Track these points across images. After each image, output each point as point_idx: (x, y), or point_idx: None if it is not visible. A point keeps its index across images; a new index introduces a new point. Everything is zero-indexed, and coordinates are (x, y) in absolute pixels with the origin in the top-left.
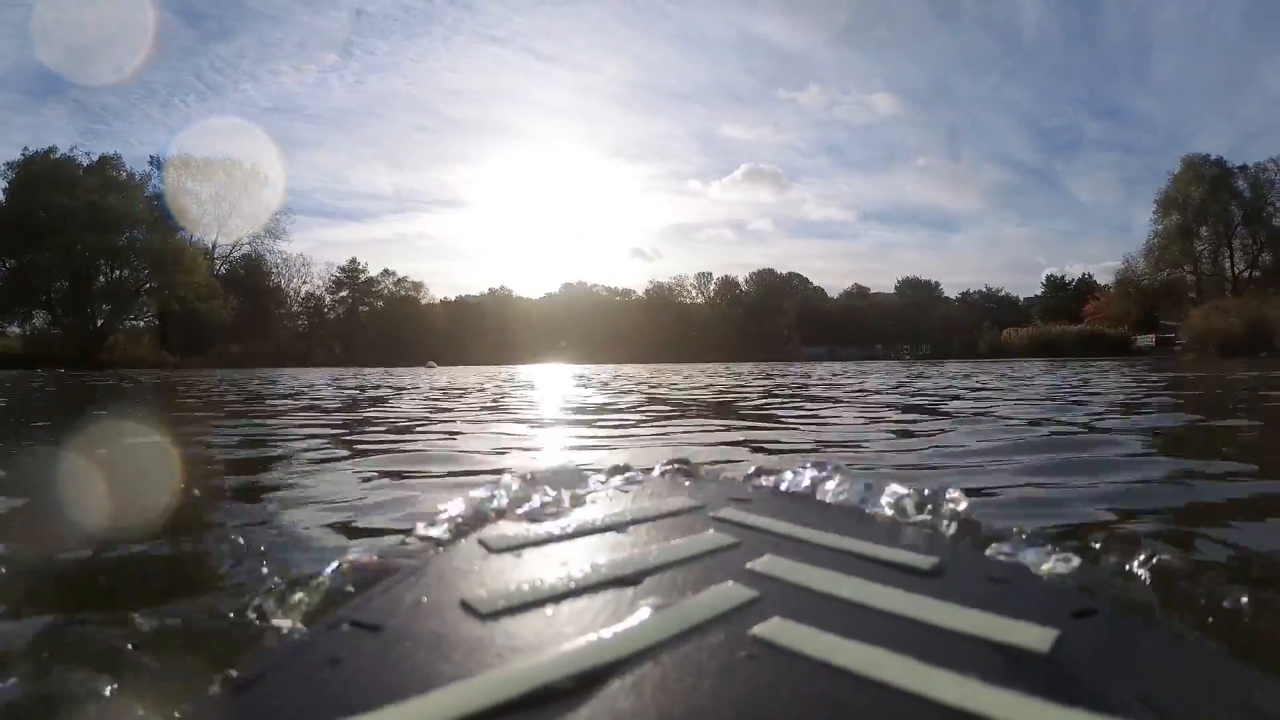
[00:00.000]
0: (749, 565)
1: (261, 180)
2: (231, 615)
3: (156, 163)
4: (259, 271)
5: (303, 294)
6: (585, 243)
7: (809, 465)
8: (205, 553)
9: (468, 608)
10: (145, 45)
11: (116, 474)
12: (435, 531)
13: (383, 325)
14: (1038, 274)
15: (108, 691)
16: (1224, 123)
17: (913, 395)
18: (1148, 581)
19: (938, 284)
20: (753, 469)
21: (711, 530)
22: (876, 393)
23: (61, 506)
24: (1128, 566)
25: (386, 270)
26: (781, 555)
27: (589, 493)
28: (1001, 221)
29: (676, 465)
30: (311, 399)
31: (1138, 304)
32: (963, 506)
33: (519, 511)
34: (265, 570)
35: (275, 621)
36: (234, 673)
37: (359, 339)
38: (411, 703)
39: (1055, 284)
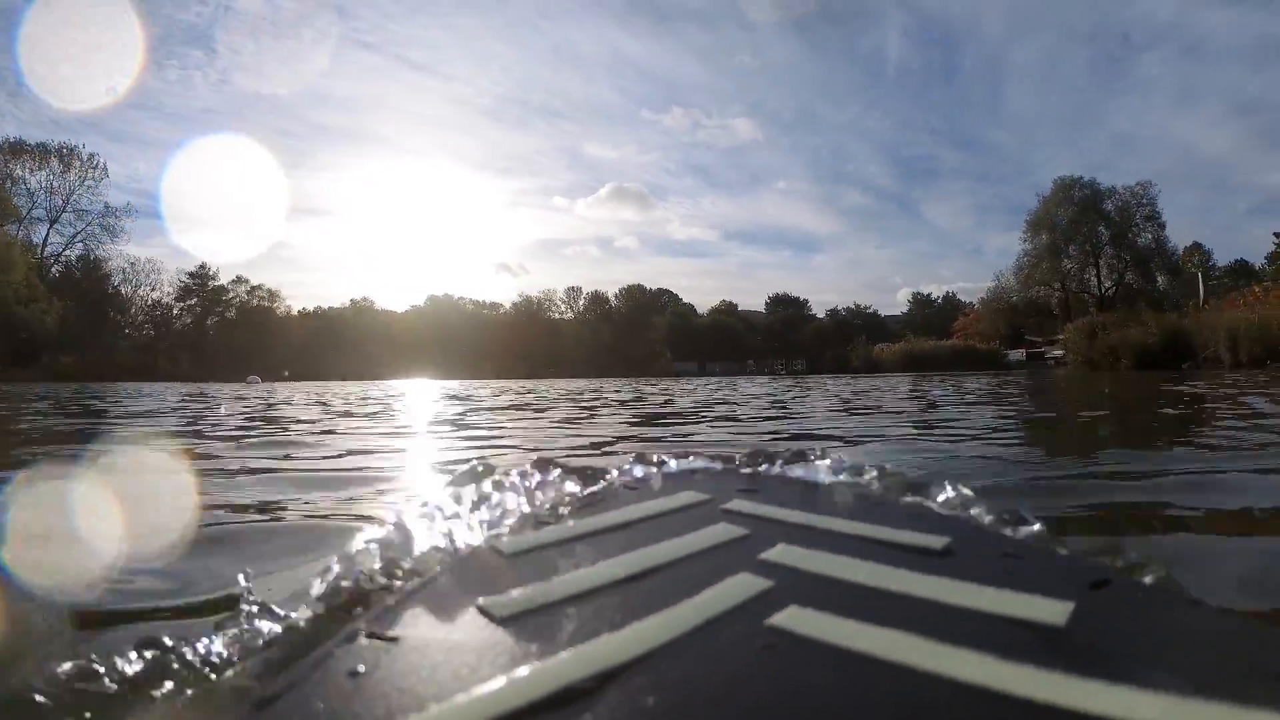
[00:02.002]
0: (762, 555)
1: (101, 172)
2: (244, 633)
3: None
4: (96, 275)
5: (149, 302)
6: (451, 256)
7: (813, 452)
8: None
9: (484, 613)
10: None
11: None
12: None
13: (234, 337)
14: (895, 293)
15: (116, 707)
16: (1070, 156)
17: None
18: (1161, 547)
19: (806, 301)
20: (749, 451)
21: (722, 523)
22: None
23: None
24: (1139, 535)
25: (239, 278)
26: (793, 544)
27: (597, 491)
28: (863, 243)
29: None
30: None
31: (1006, 320)
32: (964, 489)
33: (528, 514)
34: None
35: (291, 638)
36: (253, 690)
37: (209, 351)
38: (434, 710)
39: (921, 301)
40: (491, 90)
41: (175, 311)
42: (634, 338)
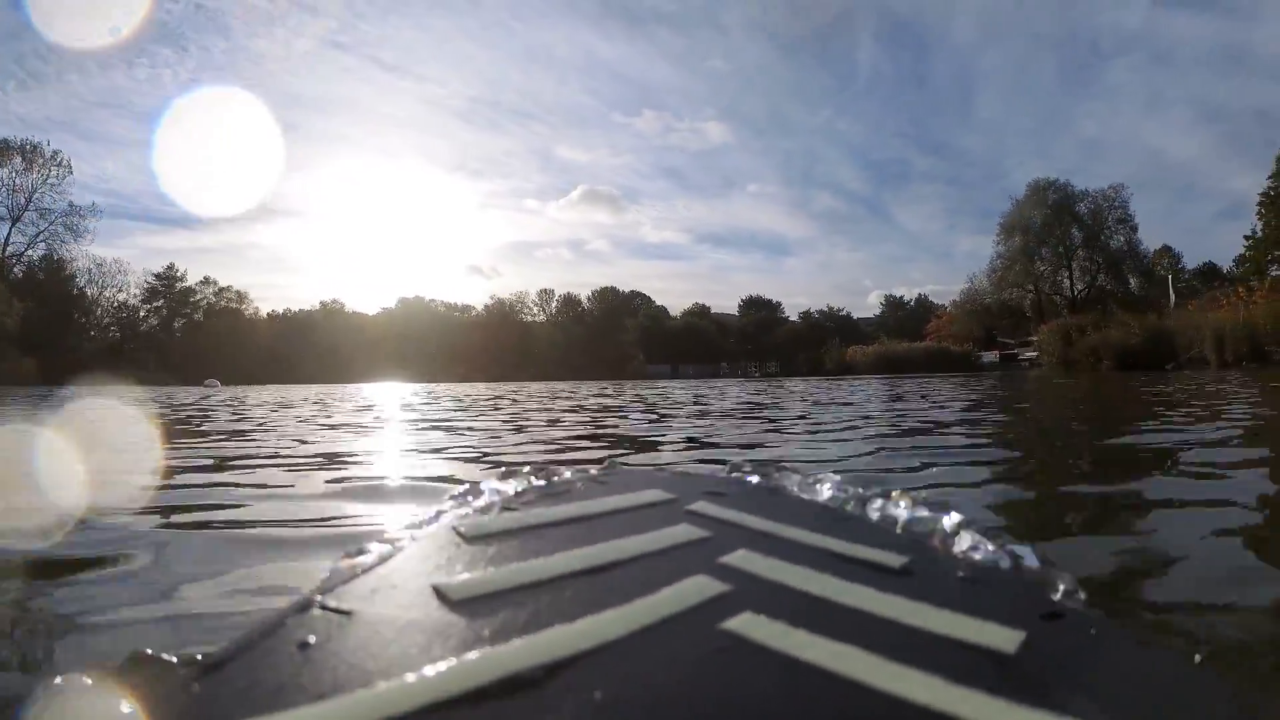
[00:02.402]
0: (721, 559)
1: (65, 169)
2: (199, 597)
3: None
4: (59, 276)
5: (115, 303)
6: (423, 258)
7: (783, 465)
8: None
9: (439, 594)
10: None
11: None
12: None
13: (202, 339)
14: (866, 296)
15: (67, 672)
16: (1039, 161)
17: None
18: (1114, 584)
19: (779, 303)
20: (728, 465)
21: (685, 524)
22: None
23: None
24: (1096, 568)
25: (207, 279)
26: (754, 550)
27: (564, 484)
28: (834, 246)
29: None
30: None
31: (980, 322)
32: (931, 506)
33: (493, 501)
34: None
35: (244, 605)
36: (200, 654)
37: (176, 354)
38: (380, 687)
39: (894, 303)
40: (464, 92)
41: (142, 314)
42: (607, 340)
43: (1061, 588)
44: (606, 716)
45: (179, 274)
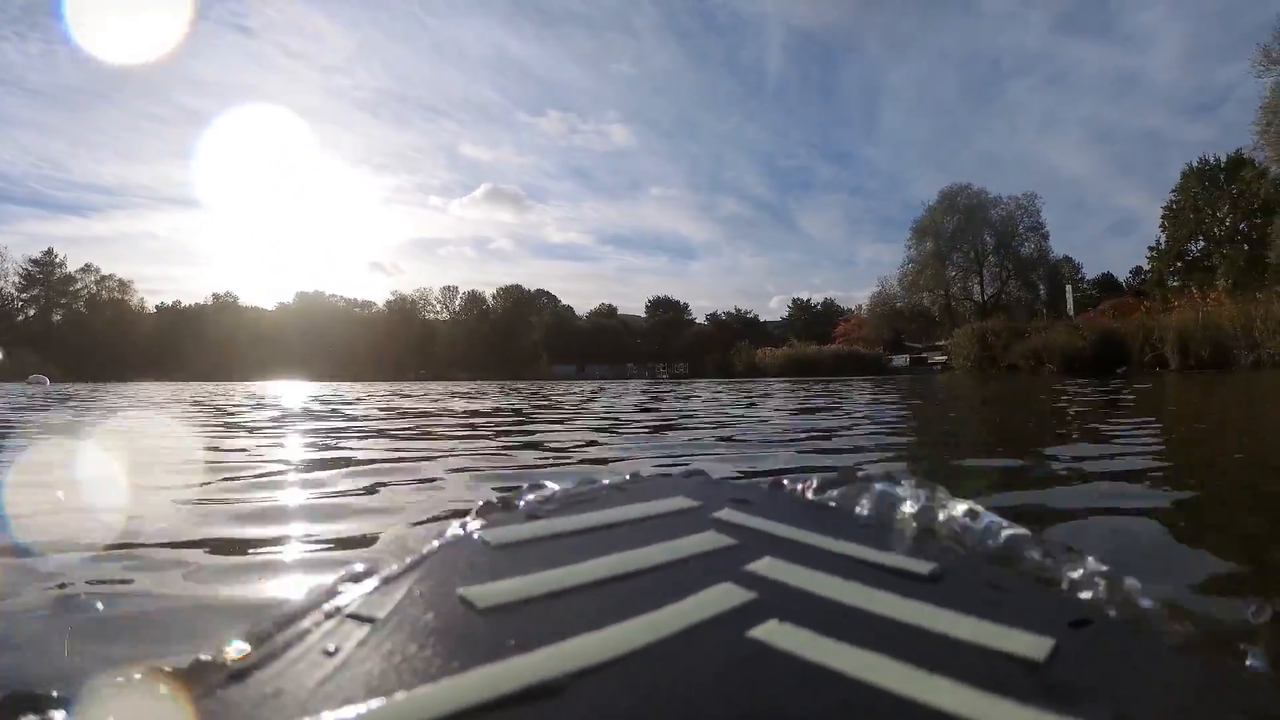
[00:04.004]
0: (747, 567)
1: None
2: (226, 603)
3: None
4: None
5: None
6: (323, 252)
7: (813, 475)
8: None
9: (465, 602)
10: None
11: None
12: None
13: (82, 332)
14: (769, 300)
15: (92, 682)
16: (939, 174)
17: None
18: (1144, 591)
19: (687, 305)
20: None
21: (711, 531)
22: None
23: None
24: (1126, 576)
25: (88, 266)
26: (780, 558)
27: (589, 492)
28: (738, 251)
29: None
30: None
31: (890, 325)
32: (961, 509)
33: (520, 508)
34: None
35: (269, 612)
36: (228, 661)
37: (57, 346)
38: (407, 695)
39: (801, 306)
40: (371, 84)
41: (18, 303)
42: (512, 339)
43: (1092, 593)
44: None
45: (58, 260)
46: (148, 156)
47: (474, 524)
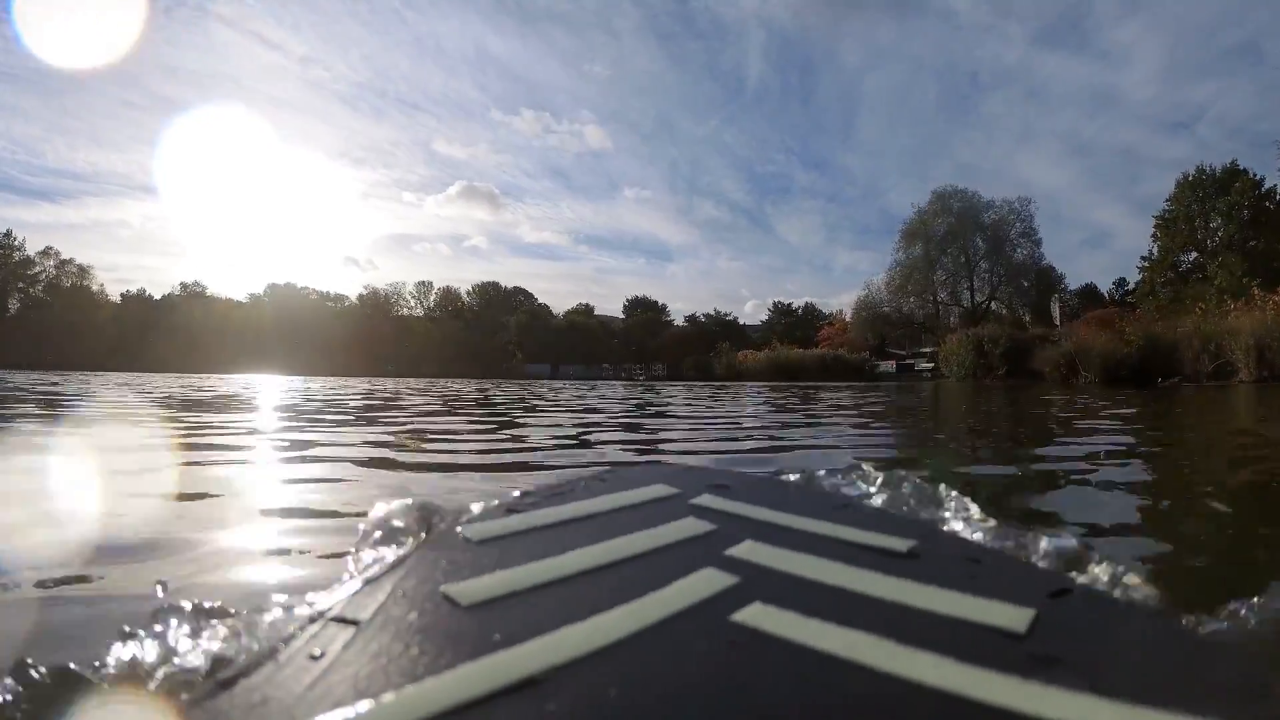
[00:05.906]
0: (728, 552)
1: None
2: (210, 610)
3: None
4: None
5: None
6: (297, 245)
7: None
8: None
9: (449, 600)
10: None
11: None
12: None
13: (41, 319)
14: (744, 304)
15: (85, 687)
16: (916, 183)
17: None
18: (1122, 561)
19: (665, 306)
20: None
21: (690, 517)
22: None
23: None
24: (1102, 546)
25: (48, 249)
26: (760, 541)
27: (566, 484)
28: (715, 254)
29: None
30: None
31: (876, 330)
32: (932, 490)
33: (498, 504)
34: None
35: (254, 618)
36: (214, 669)
37: (14, 333)
38: (394, 695)
39: (782, 309)
40: (349, 77)
41: None
42: (487, 337)
43: (1068, 564)
44: (621, 714)
45: (17, 243)
46: (122, 143)
47: (454, 521)
